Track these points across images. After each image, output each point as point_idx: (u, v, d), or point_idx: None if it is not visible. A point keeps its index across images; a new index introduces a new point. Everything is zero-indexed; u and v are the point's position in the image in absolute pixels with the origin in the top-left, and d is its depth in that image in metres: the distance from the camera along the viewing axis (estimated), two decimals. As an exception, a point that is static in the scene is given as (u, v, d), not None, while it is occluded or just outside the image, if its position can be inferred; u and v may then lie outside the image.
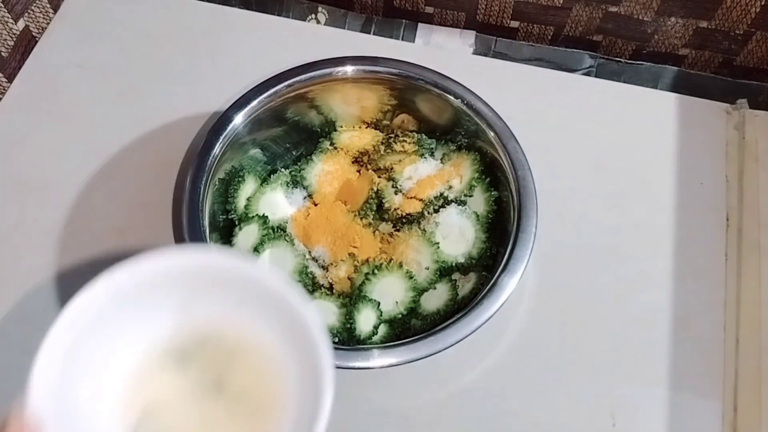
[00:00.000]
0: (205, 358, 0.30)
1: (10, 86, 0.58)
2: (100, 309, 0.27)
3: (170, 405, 0.29)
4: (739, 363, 0.47)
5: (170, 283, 0.29)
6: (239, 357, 0.31)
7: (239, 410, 0.30)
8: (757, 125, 0.54)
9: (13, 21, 0.57)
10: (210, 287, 0.30)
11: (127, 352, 0.29)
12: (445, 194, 0.48)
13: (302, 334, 0.29)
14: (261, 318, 0.30)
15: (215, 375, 0.30)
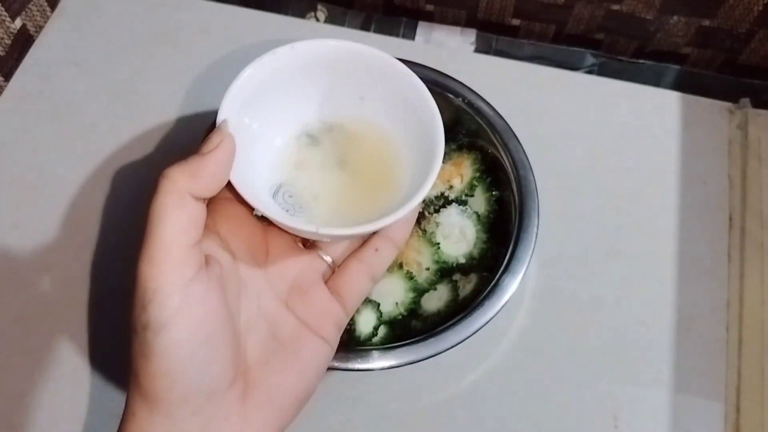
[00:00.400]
0: (331, 140, 0.35)
1: (7, 85, 0.58)
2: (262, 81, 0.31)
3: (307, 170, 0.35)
4: (742, 364, 0.47)
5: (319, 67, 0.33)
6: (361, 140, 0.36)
7: (361, 179, 0.36)
8: (760, 124, 0.54)
9: (11, 19, 0.57)
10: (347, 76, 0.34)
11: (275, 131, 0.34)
12: (446, 194, 0.48)
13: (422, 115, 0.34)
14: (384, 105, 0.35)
15: (340, 154, 0.36)
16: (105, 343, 0.47)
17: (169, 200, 0.26)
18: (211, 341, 0.27)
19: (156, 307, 0.26)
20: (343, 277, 0.34)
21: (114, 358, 0.47)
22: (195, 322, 0.26)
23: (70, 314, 0.48)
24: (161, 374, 0.26)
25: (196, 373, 0.27)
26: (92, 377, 0.46)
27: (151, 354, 0.26)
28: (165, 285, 0.26)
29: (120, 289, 0.49)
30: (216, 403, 0.27)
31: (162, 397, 0.26)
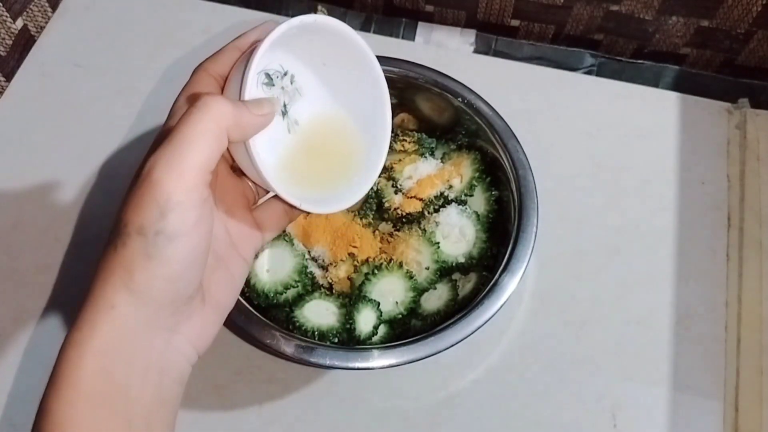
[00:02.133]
0: (281, 87, 0.36)
1: (8, 85, 0.58)
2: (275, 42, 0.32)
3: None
4: (741, 362, 0.47)
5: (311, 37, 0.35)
6: (306, 97, 0.38)
7: (303, 137, 0.38)
8: (758, 124, 0.54)
9: (12, 20, 0.57)
10: (318, 41, 0.36)
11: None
12: (446, 194, 0.48)
13: (374, 102, 0.38)
14: (340, 80, 0.37)
15: (286, 103, 0.37)
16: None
17: (213, 128, 0.29)
18: (204, 254, 0.30)
19: (177, 217, 0.28)
20: (267, 210, 0.37)
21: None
22: (201, 237, 0.29)
23: (71, 314, 0.48)
24: (163, 277, 0.28)
25: (189, 280, 0.30)
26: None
27: (158, 257, 0.28)
28: (189, 200, 0.28)
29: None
30: (188, 306, 0.30)
31: (155, 297, 0.28)
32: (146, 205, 0.28)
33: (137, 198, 0.28)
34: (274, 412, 0.46)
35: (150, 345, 0.29)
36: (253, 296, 0.45)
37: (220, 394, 0.46)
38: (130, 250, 0.28)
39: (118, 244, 0.28)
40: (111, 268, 0.28)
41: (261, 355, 0.47)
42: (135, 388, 0.28)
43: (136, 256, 0.28)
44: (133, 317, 0.28)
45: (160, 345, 0.29)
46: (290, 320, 0.44)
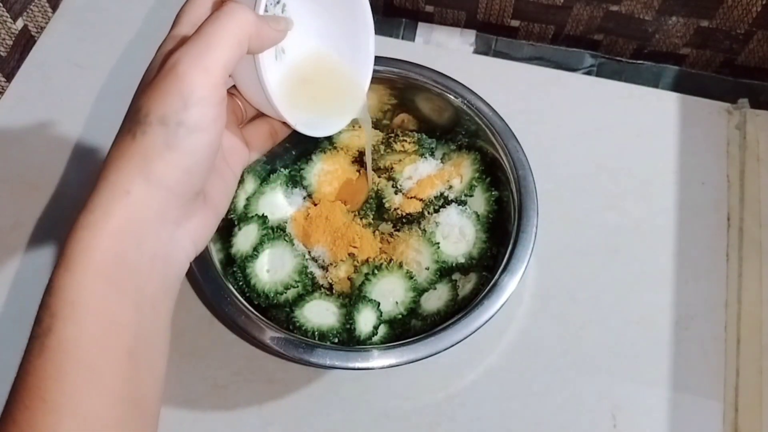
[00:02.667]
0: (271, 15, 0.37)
1: (8, 85, 0.58)
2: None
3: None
4: (741, 363, 0.47)
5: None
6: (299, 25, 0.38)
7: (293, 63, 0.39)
8: (758, 125, 0.54)
9: (12, 20, 0.57)
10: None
11: None
12: (446, 194, 0.48)
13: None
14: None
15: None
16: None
17: (238, 33, 0.30)
18: (216, 151, 0.31)
19: (200, 110, 0.29)
20: (254, 129, 0.39)
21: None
22: (217, 133, 0.30)
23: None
24: (181, 167, 0.29)
25: (201, 174, 0.31)
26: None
27: (178, 148, 0.29)
28: (212, 96, 0.29)
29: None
30: (194, 202, 0.32)
31: (170, 187, 0.29)
32: (170, 97, 0.29)
33: (161, 89, 0.29)
34: (274, 412, 0.46)
35: (158, 234, 0.30)
36: (253, 296, 0.45)
37: (220, 394, 0.46)
38: (150, 138, 0.29)
39: (137, 132, 0.29)
40: (128, 155, 0.29)
41: (261, 355, 0.47)
42: (143, 274, 0.29)
43: (156, 145, 0.29)
44: (147, 205, 0.29)
45: (167, 235, 0.30)
46: (290, 320, 0.44)
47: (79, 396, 0.26)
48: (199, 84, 0.29)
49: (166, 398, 0.46)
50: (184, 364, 0.47)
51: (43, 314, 0.27)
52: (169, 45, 0.33)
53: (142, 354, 0.29)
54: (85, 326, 0.27)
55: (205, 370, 0.47)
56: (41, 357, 0.27)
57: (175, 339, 0.48)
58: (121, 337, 0.28)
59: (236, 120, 0.38)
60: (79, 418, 0.26)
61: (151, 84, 0.30)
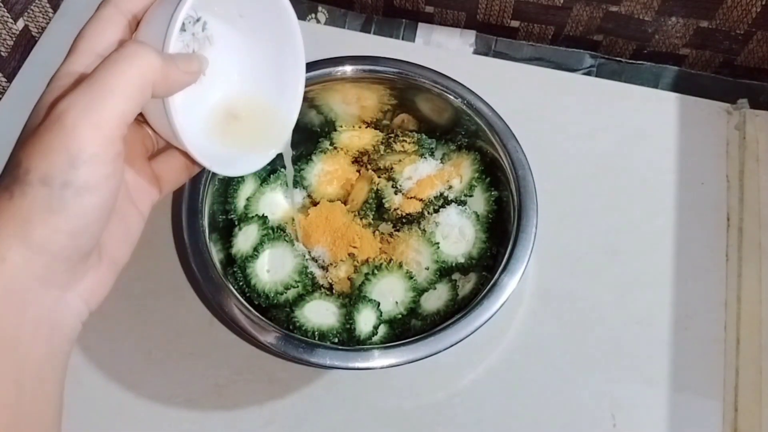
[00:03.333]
0: (192, 34, 0.35)
1: (9, 86, 0.58)
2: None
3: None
4: (740, 363, 0.47)
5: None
6: (216, 46, 0.36)
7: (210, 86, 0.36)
8: (757, 125, 0.54)
9: (13, 21, 0.57)
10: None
11: None
12: (445, 194, 0.48)
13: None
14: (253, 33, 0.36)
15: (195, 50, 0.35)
16: (105, 342, 0.47)
17: (138, 81, 0.27)
18: (110, 210, 0.28)
19: (90, 169, 0.26)
20: (166, 162, 0.35)
21: (114, 357, 0.47)
22: (110, 192, 0.27)
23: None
24: (65, 232, 0.26)
25: (91, 236, 0.28)
26: (92, 376, 0.46)
27: (62, 211, 0.26)
28: (105, 153, 0.26)
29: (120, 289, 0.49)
30: (84, 262, 0.29)
31: (53, 252, 0.27)
32: (55, 153, 0.26)
33: (44, 143, 0.26)
34: (274, 412, 0.46)
35: (42, 300, 0.27)
36: (253, 296, 0.45)
37: (220, 394, 0.46)
38: (30, 200, 0.26)
39: (15, 191, 0.26)
40: (5, 217, 0.26)
41: (261, 355, 0.47)
42: (25, 343, 0.27)
43: (36, 207, 0.26)
44: (26, 272, 0.26)
45: (52, 301, 0.28)
46: (290, 320, 0.44)
47: None
48: (89, 140, 0.25)
49: (166, 398, 0.46)
50: (184, 364, 0.47)
51: None
52: (61, 81, 0.29)
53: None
54: None
55: (205, 370, 0.47)
56: None
57: (175, 339, 0.48)
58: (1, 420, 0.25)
59: (144, 152, 0.34)
60: None
61: (34, 134, 0.27)
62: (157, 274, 0.49)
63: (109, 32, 0.30)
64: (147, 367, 0.47)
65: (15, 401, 0.26)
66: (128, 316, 0.48)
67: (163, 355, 0.47)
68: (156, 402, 0.46)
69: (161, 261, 0.50)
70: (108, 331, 0.48)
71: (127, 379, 0.46)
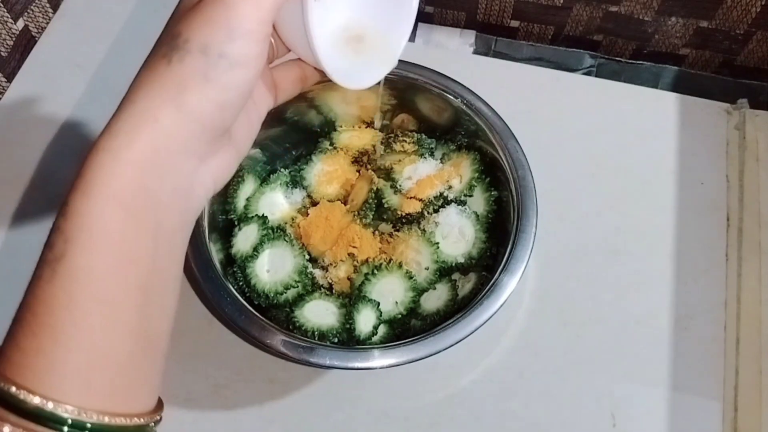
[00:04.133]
0: None
1: (9, 86, 0.58)
2: None
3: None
4: (740, 362, 0.47)
5: None
6: None
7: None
8: (757, 125, 0.54)
9: (13, 21, 0.57)
10: None
11: None
12: (445, 194, 0.48)
13: None
14: None
15: None
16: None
17: None
18: (252, 89, 0.30)
19: (245, 44, 0.27)
20: (283, 71, 0.36)
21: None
22: (257, 70, 0.29)
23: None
24: (216, 101, 0.28)
25: (235, 111, 0.29)
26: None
27: (216, 81, 0.27)
28: (259, 31, 0.28)
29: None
30: (221, 138, 0.30)
31: (201, 120, 0.28)
32: (215, 25, 0.27)
33: (206, 15, 0.27)
34: (274, 412, 0.46)
35: (182, 167, 0.28)
36: (253, 296, 0.45)
37: (220, 394, 0.46)
38: (187, 67, 0.27)
39: (173, 58, 0.28)
40: (160, 81, 0.27)
41: (261, 355, 0.47)
42: (163, 206, 0.28)
43: (193, 74, 0.27)
44: (175, 135, 0.28)
45: (190, 170, 0.29)
46: (290, 320, 0.44)
47: (91, 327, 0.26)
48: (248, 16, 0.27)
49: (166, 398, 0.46)
50: (184, 364, 0.47)
51: (55, 238, 0.26)
52: None
53: (155, 289, 0.28)
54: (101, 256, 0.26)
55: (205, 370, 0.47)
56: (52, 284, 0.26)
57: (175, 339, 0.48)
58: (137, 271, 0.27)
59: (267, 59, 0.35)
60: (89, 349, 0.25)
61: (195, 9, 0.28)
62: (157, 274, 0.49)
63: None
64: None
65: (151, 257, 0.27)
66: (128, 316, 0.48)
67: (163, 355, 0.47)
68: (156, 402, 0.46)
69: (161, 261, 0.50)
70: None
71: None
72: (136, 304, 0.27)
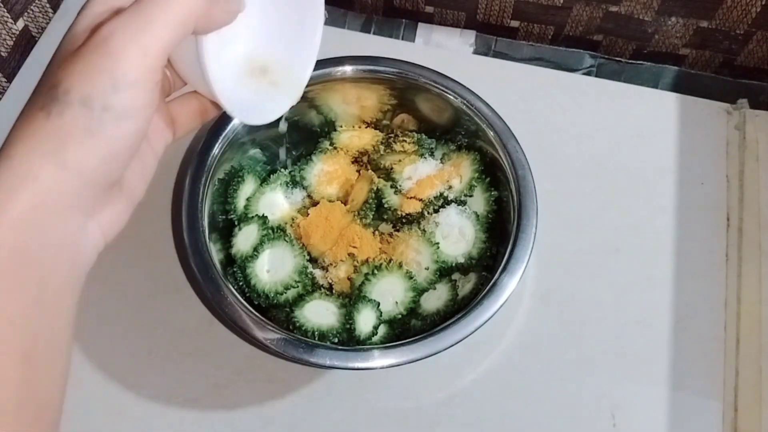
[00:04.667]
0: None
1: (9, 86, 0.58)
2: None
3: None
4: (740, 362, 0.47)
5: None
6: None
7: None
8: (757, 125, 0.54)
9: (13, 21, 0.57)
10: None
11: None
12: (445, 194, 0.48)
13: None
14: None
15: None
16: (105, 342, 0.47)
17: (186, 13, 0.27)
18: (142, 139, 0.28)
19: (132, 95, 0.26)
20: (182, 105, 0.34)
21: (114, 357, 0.47)
22: (146, 120, 0.27)
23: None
24: (100, 156, 0.26)
25: (122, 163, 0.28)
26: (92, 376, 0.46)
27: (100, 134, 0.26)
28: (147, 80, 0.26)
29: (120, 289, 0.49)
30: (109, 191, 0.29)
31: (85, 176, 0.26)
32: (98, 74, 0.25)
33: (88, 63, 0.26)
34: (274, 412, 0.46)
35: (67, 224, 0.27)
36: (253, 296, 0.45)
37: (220, 394, 0.46)
38: (68, 120, 0.25)
39: (52, 111, 0.26)
40: (39, 135, 0.26)
41: (261, 355, 0.47)
42: (47, 267, 0.26)
43: (74, 128, 0.25)
44: (57, 192, 0.26)
45: (76, 226, 0.27)
46: (290, 320, 0.44)
47: None
48: (134, 65, 0.25)
49: (166, 398, 0.46)
50: (184, 364, 0.47)
51: None
52: (97, 7, 0.28)
53: (41, 355, 0.26)
54: None
55: (205, 370, 0.47)
56: None
57: (175, 339, 0.48)
58: (18, 339, 0.25)
59: (162, 93, 0.33)
60: None
61: (75, 55, 0.26)
62: (157, 274, 0.49)
63: None
64: (147, 367, 0.47)
65: (35, 322, 0.26)
66: (128, 316, 0.48)
67: (163, 355, 0.47)
68: (156, 402, 0.46)
69: (161, 261, 0.50)
70: (108, 331, 0.48)
71: (127, 379, 0.46)
72: (18, 376, 0.25)
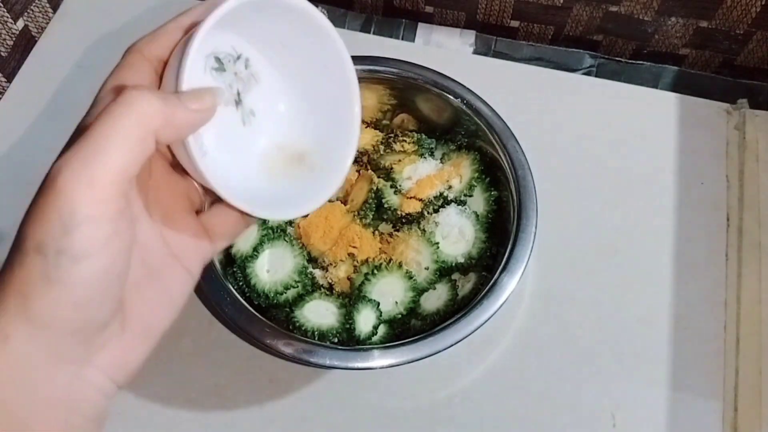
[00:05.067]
0: (234, 72, 0.32)
1: (9, 86, 0.58)
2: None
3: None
4: (740, 362, 0.47)
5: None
6: (262, 84, 0.34)
7: (257, 126, 0.34)
8: (757, 125, 0.54)
9: (13, 21, 0.57)
10: (275, 17, 0.31)
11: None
12: (445, 194, 0.48)
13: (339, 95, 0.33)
14: (300, 64, 0.33)
15: (237, 90, 0.33)
16: (106, 342, 0.47)
17: (135, 130, 0.24)
18: (121, 275, 0.26)
19: (83, 234, 0.23)
20: (219, 214, 0.32)
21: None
22: (114, 256, 0.25)
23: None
24: (68, 303, 0.24)
25: (101, 305, 0.25)
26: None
27: (60, 281, 0.23)
28: (99, 214, 0.24)
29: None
30: (101, 333, 0.26)
31: (58, 326, 0.24)
32: (46, 218, 0.23)
33: (38, 207, 0.24)
34: (274, 412, 0.46)
35: (53, 378, 0.25)
36: (253, 296, 0.45)
37: (220, 394, 0.46)
38: (27, 270, 0.24)
39: (14, 263, 0.24)
40: (6, 290, 0.24)
41: (261, 355, 0.47)
42: (37, 424, 0.25)
43: (33, 278, 0.24)
44: (32, 349, 0.24)
45: (66, 378, 0.25)
46: (290, 320, 0.44)
47: None
48: (81, 201, 0.23)
49: (166, 398, 0.46)
50: (184, 364, 0.47)
51: None
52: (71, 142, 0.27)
53: None
54: None
55: (205, 370, 0.47)
56: None
57: (175, 339, 0.48)
58: None
59: (190, 206, 0.31)
60: None
61: (33, 200, 0.24)
62: (157, 274, 0.49)
63: (133, 80, 0.28)
64: (147, 367, 0.47)
65: None
66: (128, 316, 0.48)
67: (163, 355, 0.47)
68: (156, 402, 0.46)
69: (161, 261, 0.50)
70: (108, 331, 0.48)
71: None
72: None
